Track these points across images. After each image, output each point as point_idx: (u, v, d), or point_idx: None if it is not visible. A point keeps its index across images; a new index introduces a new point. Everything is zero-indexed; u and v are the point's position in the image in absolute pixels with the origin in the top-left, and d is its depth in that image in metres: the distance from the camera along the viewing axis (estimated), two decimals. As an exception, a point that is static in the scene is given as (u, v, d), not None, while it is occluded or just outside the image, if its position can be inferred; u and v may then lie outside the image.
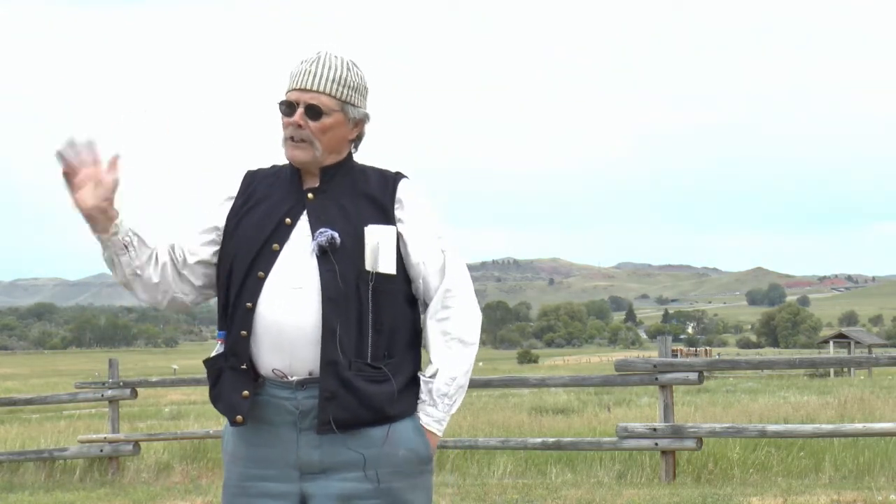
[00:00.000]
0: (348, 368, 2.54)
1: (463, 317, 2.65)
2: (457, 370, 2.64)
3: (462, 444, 10.15)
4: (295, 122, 2.62)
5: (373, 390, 2.56)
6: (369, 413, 2.56)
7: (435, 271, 2.65)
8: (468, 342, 2.66)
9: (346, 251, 2.58)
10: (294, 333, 2.55)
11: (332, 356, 2.54)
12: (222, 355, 2.64)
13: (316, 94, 2.62)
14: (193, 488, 9.59)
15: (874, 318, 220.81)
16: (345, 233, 2.59)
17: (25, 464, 11.41)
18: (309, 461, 2.58)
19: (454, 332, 2.64)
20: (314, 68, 2.64)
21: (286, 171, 2.72)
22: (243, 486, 2.63)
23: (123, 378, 11.33)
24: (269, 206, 2.67)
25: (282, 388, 2.58)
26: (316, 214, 2.62)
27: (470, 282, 2.71)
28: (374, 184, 2.68)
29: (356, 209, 2.63)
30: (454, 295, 2.65)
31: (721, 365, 10.90)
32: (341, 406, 2.54)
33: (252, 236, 2.63)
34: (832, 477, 9.02)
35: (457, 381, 2.64)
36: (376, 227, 2.61)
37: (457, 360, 2.64)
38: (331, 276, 2.55)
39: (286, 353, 2.57)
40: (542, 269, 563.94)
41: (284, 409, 2.58)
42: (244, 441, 2.64)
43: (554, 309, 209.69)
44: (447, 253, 2.67)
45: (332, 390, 2.54)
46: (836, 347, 61.54)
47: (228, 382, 2.62)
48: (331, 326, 2.54)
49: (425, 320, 2.67)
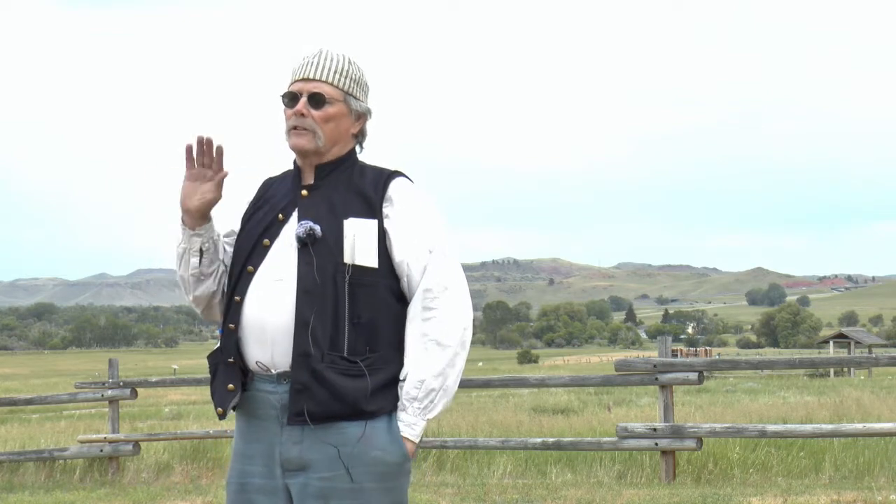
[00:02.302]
0: (321, 360, 2.54)
1: (443, 318, 2.60)
2: (426, 373, 2.58)
3: (462, 444, 10.14)
4: (298, 110, 2.66)
5: (346, 384, 2.54)
6: (342, 406, 2.55)
7: (418, 270, 2.63)
8: (446, 344, 2.59)
9: (327, 244, 2.60)
10: (273, 326, 2.58)
11: (303, 348, 2.54)
12: (218, 350, 2.69)
13: (318, 83, 2.67)
14: (193, 488, 9.59)
15: (874, 318, 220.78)
16: (329, 226, 2.62)
17: (25, 464, 11.40)
18: (289, 457, 2.59)
19: (431, 333, 2.60)
20: (316, 60, 2.69)
21: (291, 171, 2.77)
22: (241, 483, 2.66)
23: (123, 378, 11.31)
24: (270, 206, 2.73)
25: (266, 382, 2.61)
26: (305, 209, 2.66)
27: (459, 282, 2.65)
28: (368, 180, 2.70)
29: (345, 205, 2.65)
30: (435, 296, 2.61)
31: (721, 365, 10.87)
32: (312, 398, 2.54)
33: (250, 234, 2.70)
34: (832, 477, 9.01)
35: (426, 384, 2.58)
36: (355, 220, 2.62)
37: (429, 362, 2.58)
38: (308, 269, 2.58)
39: (268, 346, 2.59)
40: (542, 269, 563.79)
41: (269, 404, 2.60)
42: (242, 437, 2.68)
43: (554, 309, 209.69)
44: (435, 252, 2.64)
45: (304, 382, 2.54)
46: (836, 347, 61.54)
47: (220, 376, 2.67)
48: (304, 318, 2.55)
49: (407, 320, 2.64)
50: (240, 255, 2.69)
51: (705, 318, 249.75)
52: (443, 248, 2.65)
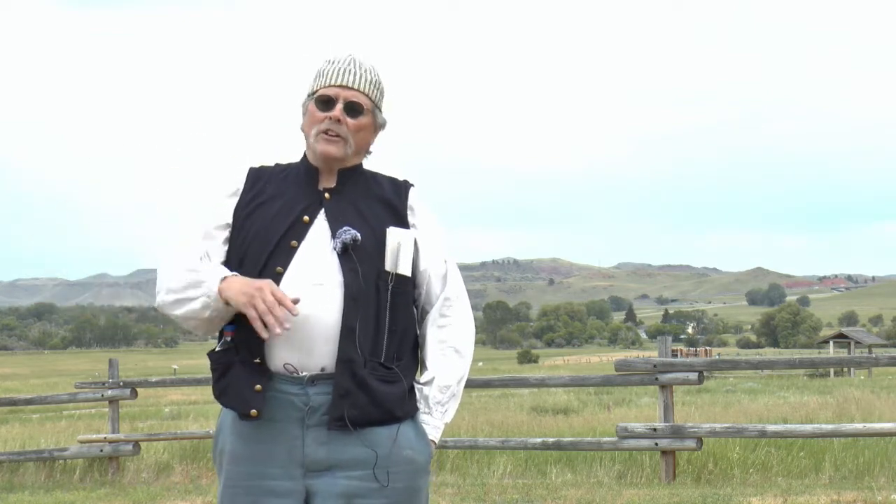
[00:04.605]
0: (363, 367, 2.55)
1: (460, 327, 2.69)
2: (451, 379, 2.67)
3: (462, 444, 10.14)
4: (335, 116, 2.63)
5: (385, 390, 2.57)
6: (379, 412, 2.57)
7: (438, 279, 2.69)
8: (463, 353, 2.69)
9: (367, 251, 2.59)
10: (312, 329, 2.54)
11: (349, 354, 2.54)
12: (233, 349, 2.62)
13: (356, 91, 2.65)
14: (193, 488, 9.59)
15: (874, 318, 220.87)
16: (363, 233, 2.60)
17: (25, 464, 11.40)
18: (315, 458, 2.57)
19: (450, 340, 2.68)
20: (353, 67, 2.67)
21: (299, 169, 2.72)
22: (246, 486, 2.60)
23: (123, 378, 11.31)
24: (284, 204, 2.66)
25: (291, 384, 2.57)
26: (333, 214, 2.63)
27: (466, 294, 2.75)
28: (388, 189, 2.71)
29: (372, 212, 2.65)
30: (452, 305, 2.69)
31: (721, 365, 10.88)
32: (354, 404, 2.54)
33: (266, 232, 2.62)
34: (832, 477, 9.01)
35: (451, 389, 2.67)
36: (397, 230, 2.64)
37: (451, 368, 2.67)
38: (353, 275, 2.56)
39: (300, 349, 2.56)
40: (542, 269, 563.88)
41: (292, 406, 2.57)
42: (244, 439, 2.61)
43: (554, 309, 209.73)
44: (448, 262, 2.71)
45: (347, 388, 2.54)
46: (836, 347, 61.55)
47: (239, 376, 2.59)
48: (350, 324, 2.54)
49: (424, 327, 2.69)
50: (256, 254, 2.60)
51: (705, 318, 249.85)
52: (452, 258, 2.73)
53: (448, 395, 2.67)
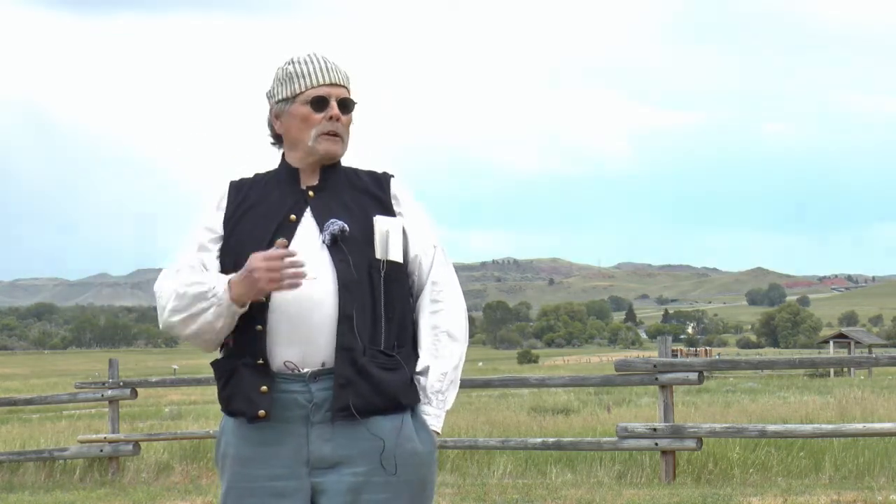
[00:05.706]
0: (363, 355, 2.56)
1: (452, 311, 2.68)
2: (447, 365, 2.65)
3: (462, 444, 10.15)
4: (335, 115, 2.65)
5: (387, 377, 2.57)
6: (382, 400, 2.57)
7: (427, 264, 2.69)
8: (457, 337, 2.67)
9: (356, 241, 2.61)
10: (310, 323, 2.56)
11: (348, 342, 2.55)
12: (234, 354, 2.62)
13: (344, 88, 2.69)
14: (193, 488, 9.60)
15: (874, 318, 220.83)
16: (350, 224, 2.62)
17: (25, 464, 11.41)
18: (320, 455, 2.57)
19: (443, 325, 2.66)
20: (332, 65, 2.69)
21: (280, 172, 2.73)
22: (251, 488, 2.60)
23: (123, 378, 11.32)
24: (269, 206, 2.67)
25: (293, 382, 2.57)
26: (319, 210, 2.65)
27: (456, 279, 2.74)
28: (369, 181, 2.73)
29: (357, 203, 2.67)
30: (441, 289, 2.68)
31: (721, 365, 10.90)
32: (356, 393, 2.54)
33: (255, 235, 2.63)
34: (832, 477, 9.01)
35: (448, 376, 2.66)
36: (384, 218, 2.65)
37: (447, 355, 2.65)
38: (344, 265, 2.58)
39: (300, 345, 2.57)
40: (542, 269, 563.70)
41: (295, 404, 2.57)
42: (248, 441, 2.61)
43: (554, 309, 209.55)
44: (437, 247, 2.72)
45: (347, 376, 2.54)
46: (836, 347, 61.52)
47: (244, 380, 2.59)
48: (347, 313, 2.56)
49: (416, 313, 2.69)
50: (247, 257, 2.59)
51: (705, 318, 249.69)
52: (440, 244, 2.73)
53: (446, 382, 2.65)
